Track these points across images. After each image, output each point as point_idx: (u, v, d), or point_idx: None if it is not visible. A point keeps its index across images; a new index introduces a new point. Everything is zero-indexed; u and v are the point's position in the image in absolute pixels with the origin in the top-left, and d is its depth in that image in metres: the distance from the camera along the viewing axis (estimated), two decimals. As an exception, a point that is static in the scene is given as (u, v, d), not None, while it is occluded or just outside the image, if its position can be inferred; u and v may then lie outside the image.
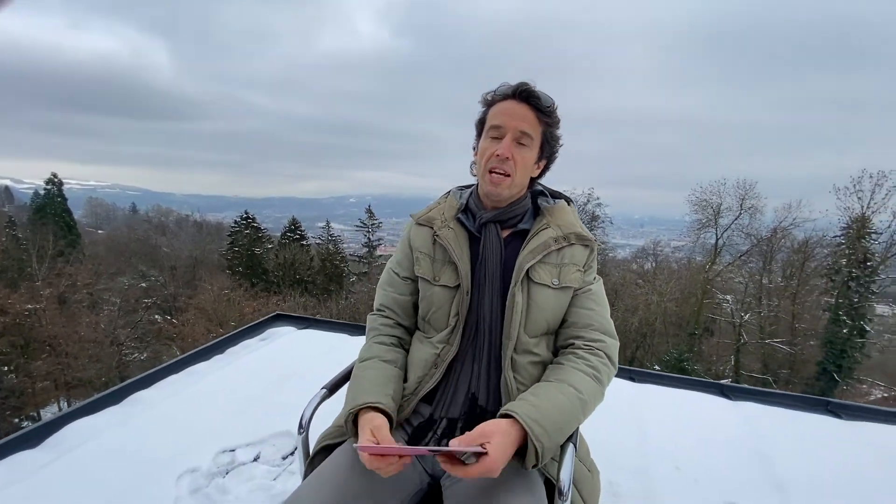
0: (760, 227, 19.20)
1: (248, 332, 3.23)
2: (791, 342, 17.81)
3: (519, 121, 1.00)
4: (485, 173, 1.04)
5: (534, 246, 1.04)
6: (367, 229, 28.95)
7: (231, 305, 17.97)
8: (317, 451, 1.07)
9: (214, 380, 2.50)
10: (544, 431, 0.84)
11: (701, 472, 1.75)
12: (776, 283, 19.29)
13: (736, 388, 2.43)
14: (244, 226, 27.46)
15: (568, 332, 1.05)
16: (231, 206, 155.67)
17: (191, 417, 2.14)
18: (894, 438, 2.00)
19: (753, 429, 2.05)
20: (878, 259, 16.64)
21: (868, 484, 1.72)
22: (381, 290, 1.20)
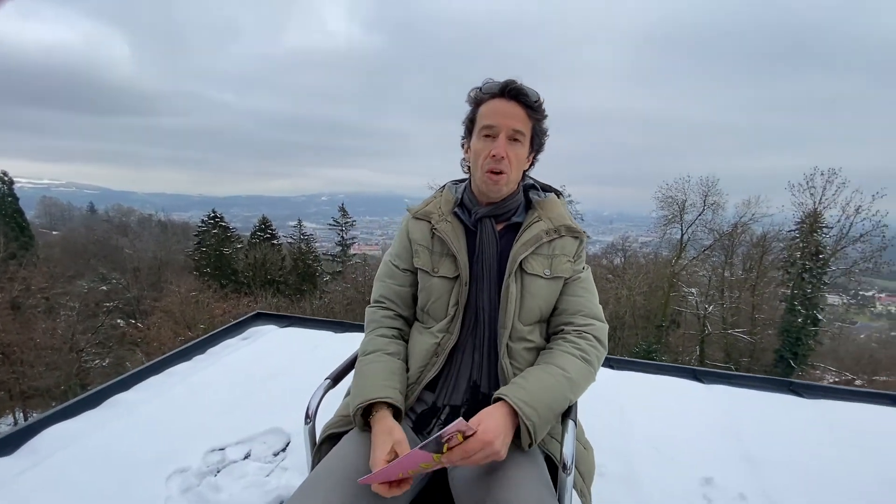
0: (722, 222, 20.01)
1: (228, 331, 3.18)
2: (751, 332, 18.69)
3: (511, 120, 1.04)
4: (482, 173, 1.08)
5: (526, 238, 1.09)
6: (341, 228, 28.57)
7: (200, 307, 17.42)
8: (322, 440, 1.09)
9: (198, 380, 2.46)
10: (534, 411, 0.89)
11: (678, 451, 1.86)
12: (737, 276, 20.17)
13: (708, 373, 2.57)
14: (212, 225, 26.63)
15: (559, 319, 1.11)
16: (196, 205, 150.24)
17: (175, 418, 2.10)
18: (849, 413, 2.18)
19: (724, 409, 2.19)
20: (829, 252, 17.63)
21: (827, 454, 1.86)
22: (380, 283, 1.23)
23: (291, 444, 1.95)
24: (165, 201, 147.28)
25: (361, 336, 3.32)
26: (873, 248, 17.03)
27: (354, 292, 20.70)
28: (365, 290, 20.68)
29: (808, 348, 17.17)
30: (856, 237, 17.27)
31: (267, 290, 22.15)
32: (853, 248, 17.57)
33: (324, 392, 1.13)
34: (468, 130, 1.14)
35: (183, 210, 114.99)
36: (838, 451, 1.88)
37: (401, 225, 1.24)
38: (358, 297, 20.41)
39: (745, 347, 19.05)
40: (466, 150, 1.17)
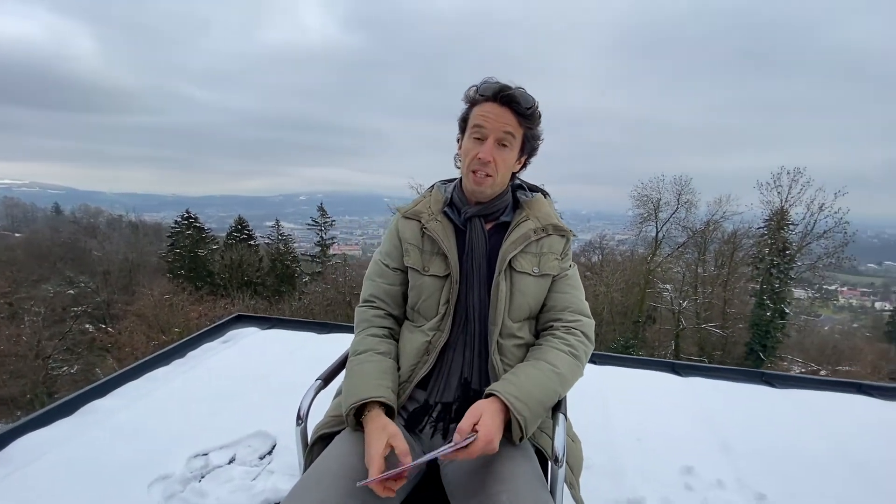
0: (695, 220, 20.62)
1: (208, 334, 3.11)
2: (723, 326, 19.30)
3: (500, 124, 1.05)
4: (468, 173, 1.10)
5: (515, 237, 1.12)
6: (320, 228, 28.20)
7: (174, 311, 16.95)
8: (314, 441, 1.09)
9: (178, 384, 2.40)
10: (524, 405, 0.92)
11: (659, 442, 1.92)
12: (709, 272, 20.80)
13: (685, 366, 2.66)
14: (186, 226, 25.94)
15: (547, 316, 1.14)
16: (169, 205, 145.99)
17: (156, 424, 2.05)
18: (818, 402, 2.28)
19: (702, 401, 2.27)
20: (795, 248, 18.34)
21: (798, 441, 1.95)
22: (370, 282, 1.23)
23: (278, 446, 1.92)
24: (136, 201, 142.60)
25: (346, 336, 3.33)
26: (836, 243, 17.83)
27: (335, 293, 20.48)
28: (345, 290, 20.49)
29: (776, 341, 17.83)
30: (819, 234, 18.05)
31: (244, 292, 21.71)
32: (817, 244, 18.36)
33: (315, 393, 1.13)
34: (461, 129, 1.15)
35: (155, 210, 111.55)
36: (809, 438, 1.97)
37: (390, 224, 1.25)
38: (338, 297, 20.21)
39: (718, 341, 19.66)
40: (460, 148, 1.18)
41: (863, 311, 40.83)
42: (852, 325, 32.21)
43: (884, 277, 62.35)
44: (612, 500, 1.58)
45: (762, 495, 1.60)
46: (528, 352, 1.12)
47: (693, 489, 1.64)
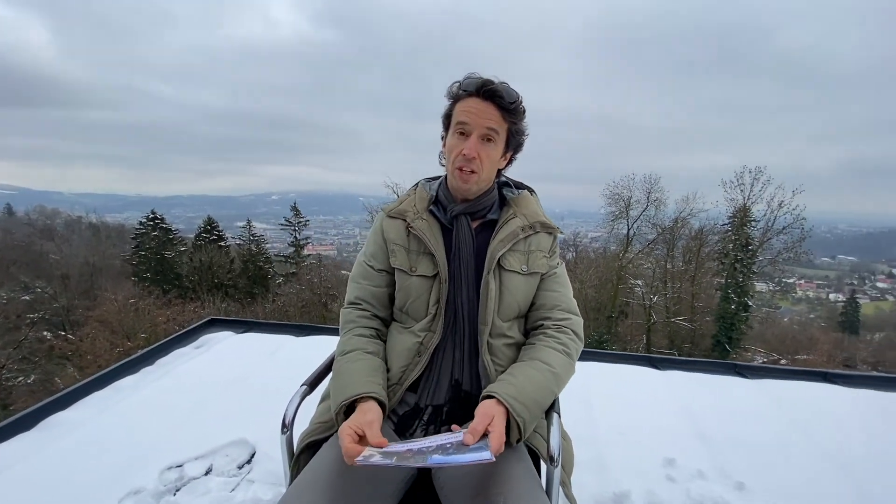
0: (664, 217, 21.21)
1: (179, 340, 2.99)
2: (691, 319, 19.96)
3: (484, 119, 1.03)
4: (453, 170, 1.08)
5: (503, 235, 1.10)
6: (293, 228, 27.60)
7: (140, 315, 16.28)
8: (301, 450, 1.05)
9: (148, 393, 2.29)
10: (524, 407, 0.90)
11: (641, 434, 1.95)
12: (678, 268, 21.45)
13: (663, 359, 2.72)
14: (151, 227, 24.96)
15: (537, 314, 1.13)
16: (132, 205, 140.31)
17: (125, 436, 1.95)
18: (787, 391, 2.37)
19: (680, 393, 2.32)
20: (757, 243, 19.15)
21: (771, 430, 2.02)
22: (355, 284, 1.19)
23: (257, 454, 1.86)
24: (97, 202, 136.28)
25: (325, 339, 3.24)
26: (794, 239, 18.75)
27: (310, 294, 20.11)
28: (321, 291, 20.16)
29: (740, 332, 18.58)
30: (779, 230, 18.92)
31: (215, 295, 21.07)
32: (777, 240, 19.24)
33: (301, 399, 1.09)
34: (445, 125, 1.13)
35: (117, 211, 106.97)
36: (780, 426, 2.04)
37: (374, 224, 1.22)
38: (314, 298, 19.86)
39: (687, 334, 20.32)
40: (444, 146, 1.16)
41: (818, 303, 43.06)
42: (809, 316, 33.90)
43: (837, 270, 65.97)
44: (598, 495, 1.59)
45: (741, 484, 1.65)
46: (517, 351, 1.11)
47: (675, 481, 1.68)
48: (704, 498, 1.58)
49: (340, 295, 21.01)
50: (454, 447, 0.81)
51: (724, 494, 1.59)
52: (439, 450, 0.81)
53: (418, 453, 0.80)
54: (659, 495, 1.60)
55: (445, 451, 0.80)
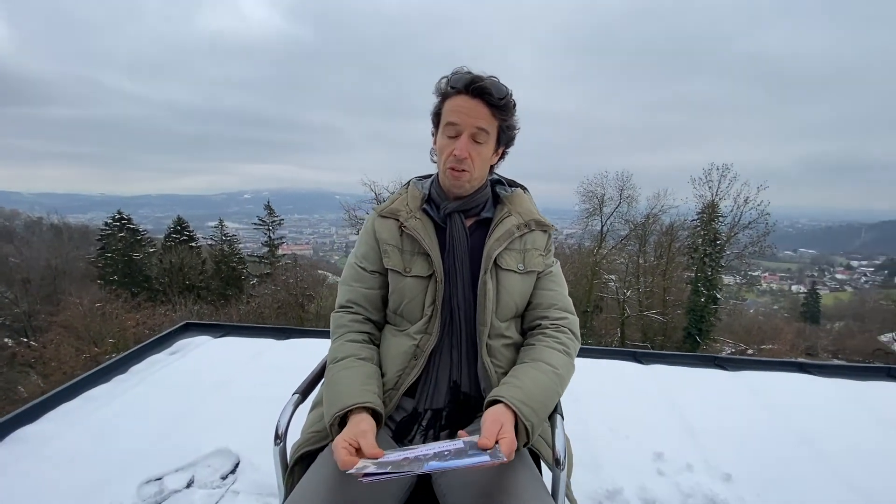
0: (636, 213, 21.66)
1: (153, 345, 2.87)
2: (663, 312, 20.51)
3: (474, 118, 1.01)
4: (445, 169, 1.06)
5: (499, 234, 1.08)
6: (268, 227, 26.98)
7: (107, 320, 15.61)
8: (295, 461, 1.01)
9: (122, 403, 2.19)
10: (531, 410, 0.89)
11: (630, 429, 1.97)
12: (650, 263, 22.00)
13: (647, 354, 2.77)
14: (118, 228, 23.97)
15: (534, 314, 1.12)
16: (97, 205, 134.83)
17: (99, 449, 1.85)
18: (765, 382, 2.45)
19: (664, 386, 2.37)
20: (725, 238, 19.82)
21: (752, 420, 2.08)
22: (346, 287, 1.15)
23: (242, 464, 1.80)
24: (58, 202, 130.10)
25: (308, 342, 3.17)
26: (759, 233, 19.48)
27: (286, 294, 19.70)
28: (297, 291, 19.79)
29: (710, 325, 19.21)
30: (745, 225, 19.62)
31: (187, 297, 20.40)
32: (743, 234, 19.94)
33: (294, 408, 1.04)
34: (435, 123, 1.11)
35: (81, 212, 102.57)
36: (761, 417, 2.11)
37: (365, 225, 1.18)
38: (290, 299, 19.47)
39: (659, 327, 20.87)
40: (435, 143, 1.14)
41: (781, 295, 44.95)
42: (773, 308, 35.31)
43: (798, 263, 69.03)
44: (592, 492, 1.60)
45: (728, 475, 1.69)
46: (516, 351, 1.10)
47: (665, 474, 1.70)
48: (694, 490, 1.61)
49: (317, 295, 20.69)
50: (452, 454, 0.79)
51: (713, 486, 1.63)
52: (437, 457, 0.78)
53: (415, 461, 0.78)
54: (651, 490, 1.62)
55: (443, 457, 0.78)
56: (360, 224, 20.54)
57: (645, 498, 1.60)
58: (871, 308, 27.54)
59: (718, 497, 1.58)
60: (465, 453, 0.78)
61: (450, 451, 0.80)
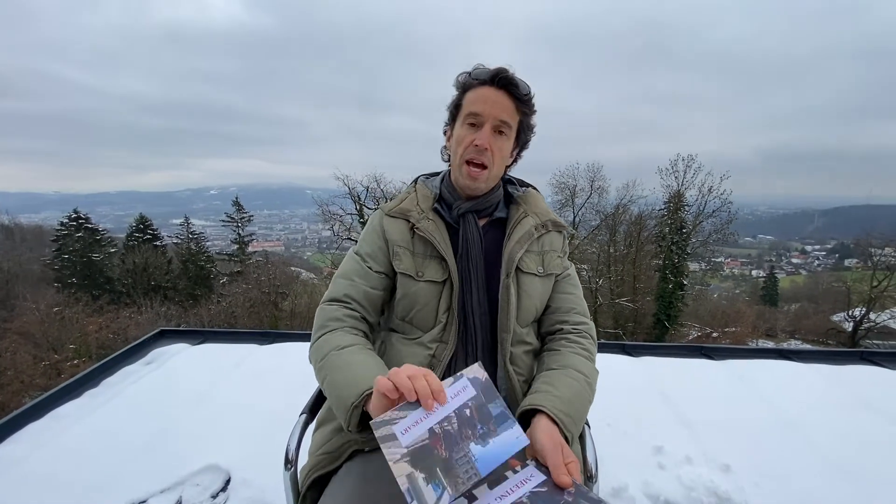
0: (606, 204, 22.16)
1: (126, 356, 2.70)
2: (633, 300, 21.09)
3: (499, 110, 0.97)
4: (461, 164, 1.01)
5: (519, 235, 1.04)
6: (237, 224, 26.16)
7: (66, 325, 14.80)
8: (307, 487, 0.94)
9: (96, 420, 2.04)
10: (571, 420, 0.84)
11: (628, 424, 1.98)
12: (620, 252, 22.54)
13: (636, 346, 2.80)
14: (75, 227, 22.74)
15: (553, 318, 1.08)
16: (51, 204, 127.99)
17: (73, 471, 1.72)
18: (750, 370, 2.52)
19: (656, 378, 2.40)
20: (690, 226, 20.55)
21: (741, 409, 2.13)
22: (346, 281, 1.04)
23: (233, 480, 1.70)
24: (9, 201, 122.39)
25: (294, 346, 3.04)
26: (722, 221, 20.32)
27: (258, 293, 19.18)
28: (270, 289, 19.29)
29: (677, 310, 19.93)
30: (709, 213, 20.40)
31: (153, 298, 19.57)
32: (707, 223, 20.74)
33: (302, 429, 0.97)
34: (452, 116, 1.05)
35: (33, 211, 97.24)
36: (750, 405, 2.16)
37: (371, 222, 1.10)
38: (262, 297, 18.96)
39: (630, 314, 21.47)
40: (448, 138, 1.08)
41: (743, 279, 47.00)
42: (735, 292, 36.86)
43: (758, 249, 72.42)
44: (597, 491, 1.59)
45: (727, 466, 1.71)
46: (534, 358, 1.06)
47: (666, 468, 1.72)
48: (696, 483, 1.63)
49: (291, 293, 20.23)
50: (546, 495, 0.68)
51: (713, 478, 1.65)
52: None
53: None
54: (654, 485, 1.63)
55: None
56: (333, 219, 20.26)
57: (649, 493, 1.61)
58: (823, 290, 29.07)
59: (720, 489, 1.60)
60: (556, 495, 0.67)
61: (528, 497, 0.68)
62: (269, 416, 1.97)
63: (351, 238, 19.21)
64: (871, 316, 20.06)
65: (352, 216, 20.11)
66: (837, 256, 54.70)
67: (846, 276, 25.00)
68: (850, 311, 21.39)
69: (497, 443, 0.68)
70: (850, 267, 35.28)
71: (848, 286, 22.24)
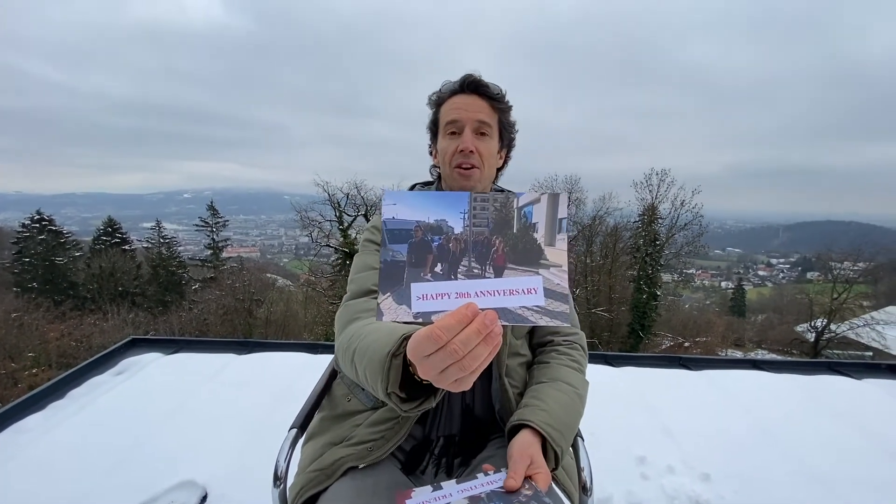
0: (583, 215, 22.61)
1: (94, 366, 2.58)
2: (609, 309, 21.48)
3: (474, 112, 0.99)
4: (451, 171, 1.01)
5: None
6: (211, 229, 25.48)
7: (25, 332, 14.08)
8: (298, 504, 0.91)
9: (62, 434, 1.94)
10: (560, 435, 0.85)
11: (611, 435, 2.00)
12: (596, 262, 22.97)
13: (617, 357, 2.84)
14: (37, 230, 21.73)
15: (544, 329, 1.09)
16: (12, 204, 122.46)
17: (37, 490, 1.63)
18: (725, 380, 2.59)
19: (637, 388, 2.44)
20: (664, 239, 21.14)
21: (719, 418, 2.19)
22: (368, 272, 0.97)
23: (210, 496, 1.64)
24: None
25: (274, 356, 2.95)
26: (694, 234, 20.97)
27: (232, 300, 18.67)
28: (245, 296, 18.80)
29: (651, 320, 20.39)
30: (681, 226, 21.03)
31: (120, 305, 18.83)
32: (680, 235, 21.37)
33: (291, 445, 0.94)
34: (433, 133, 1.06)
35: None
36: (728, 414, 2.22)
37: (374, 223, 1.10)
38: (237, 304, 18.45)
39: (606, 324, 21.83)
40: (434, 156, 1.09)
41: (713, 290, 48.44)
42: (706, 303, 37.96)
43: (727, 261, 74.99)
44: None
45: (706, 475, 1.75)
46: (527, 369, 1.06)
47: (649, 478, 1.74)
48: (678, 492, 1.65)
49: (266, 300, 19.77)
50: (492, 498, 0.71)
51: (694, 487, 1.68)
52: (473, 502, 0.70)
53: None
54: (637, 494, 1.65)
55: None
56: (312, 225, 19.96)
57: (633, 503, 1.62)
58: (788, 301, 30.22)
59: (701, 497, 1.63)
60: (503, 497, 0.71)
61: (486, 494, 0.72)
62: (248, 430, 1.91)
63: (330, 245, 18.96)
64: (832, 327, 20.93)
65: (331, 222, 19.88)
66: (800, 269, 57.08)
67: (808, 289, 26.04)
68: (813, 322, 22.28)
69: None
70: (812, 280, 36.86)
71: (810, 298, 23.16)
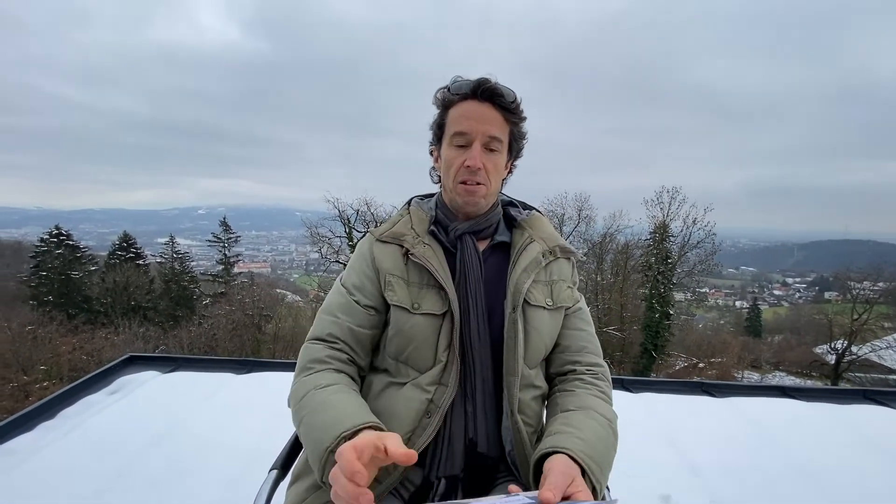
0: (594, 233, 22.46)
1: (88, 384, 2.50)
2: (621, 329, 21.09)
3: (486, 125, 0.89)
4: (455, 185, 0.92)
5: (525, 263, 0.94)
6: (223, 244, 25.76)
7: (38, 345, 14.18)
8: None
9: (51, 456, 1.85)
10: (598, 467, 0.73)
11: (629, 465, 1.84)
12: (607, 280, 22.66)
13: (634, 381, 2.69)
14: (55, 244, 22.14)
15: (564, 358, 0.97)
16: (32, 219, 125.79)
17: (16, 520, 1.53)
18: (752, 408, 2.42)
19: (657, 417, 2.28)
20: (676, 257, 20.84)
21: (748, 449, 2.02)
22: (331, 318, 0.93)
23: (198, 530, 1.53)
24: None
25: (273, 375, 2.86)
26: (706, 252, 20.72)
27: (241, 315, 18.70)
28: (254, 311, 18.83)
29: (664, 340, 19.97)
30: (694, 244, 20.77)
31: (132, 319, 18.95)
32: (692, 254, 21.10)
33: (272, 486, 0.84)
34: (437, 136, 0.97)
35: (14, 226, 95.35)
36: (758, 447, 2.04)
37: (359, 249, 1.00)
38: (245, 320, 18.46)
39: (618, 343, 21.40)
40: (436, 159, 1.00)
41: (727, 310, 47.42)
42: (720, 322, 37.12)
43: (741, 280, 73.62)
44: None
45: (738, 517, 1.59)
46: (542, 405, 0.95)
47: (675, 519, 1.59)
48: (707, 537, 1.50)
49: (275, 315, 19.77)
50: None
51: (725, 530, 1.52)
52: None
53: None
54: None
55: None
56: (322, 241, 20.08)
57: (658, 548, 1.47)
58: (805, 322, 29.44)
59: (734, 543, 1.47)
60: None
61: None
62: (243, 456, 1.81)
63: (339, 261, 18.99)
64: (853, 348, 20.26)
65: (341, 239, 19.97)
66: (818, 289, 55.75)
67: (827, 309, 25.36)
68: (833, 344, 21.60)
69: None
70: (830, 300, 35.92)
71: (829, 319, 22.51)
